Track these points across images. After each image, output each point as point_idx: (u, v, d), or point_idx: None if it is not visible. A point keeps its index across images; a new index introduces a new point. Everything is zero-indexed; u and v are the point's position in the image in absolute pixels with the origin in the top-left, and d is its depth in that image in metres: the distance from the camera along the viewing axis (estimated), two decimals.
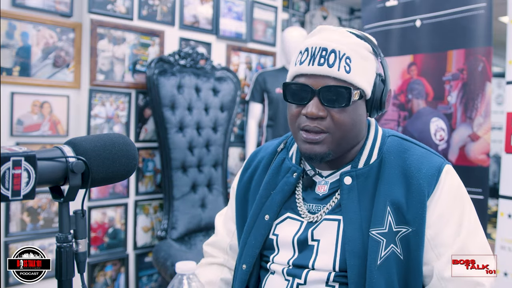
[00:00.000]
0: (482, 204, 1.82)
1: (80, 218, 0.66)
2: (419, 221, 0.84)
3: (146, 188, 2.44)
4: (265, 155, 1.06)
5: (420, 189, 0.86)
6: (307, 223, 0.93)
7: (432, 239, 0.85)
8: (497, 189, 1.82)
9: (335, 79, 0.85)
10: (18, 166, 0.56)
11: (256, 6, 2.89)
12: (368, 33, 2.26)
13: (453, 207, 0.87)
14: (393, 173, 0.89)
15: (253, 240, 0.96)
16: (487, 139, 1.82)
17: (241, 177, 1.09)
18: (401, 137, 0.95)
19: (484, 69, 1.82)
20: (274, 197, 0.97)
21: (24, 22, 2.03)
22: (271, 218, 0.96)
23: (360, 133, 0.92)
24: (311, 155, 0.88)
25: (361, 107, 0.89)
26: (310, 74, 0.86)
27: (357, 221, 0.87)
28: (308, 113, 0.86)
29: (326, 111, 0.86)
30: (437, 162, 0.89)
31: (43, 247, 2.13)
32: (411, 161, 0.89)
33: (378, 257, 0.83)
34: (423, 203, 0.85)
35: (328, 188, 0.94)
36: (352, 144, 0.92)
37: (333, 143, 0.88)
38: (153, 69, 2.27)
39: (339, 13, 4.49)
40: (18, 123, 2.05)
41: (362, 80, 0.87)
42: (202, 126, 2.46)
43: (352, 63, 0.85)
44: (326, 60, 0.85)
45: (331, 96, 0.85)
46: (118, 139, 0.72)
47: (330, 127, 0.86)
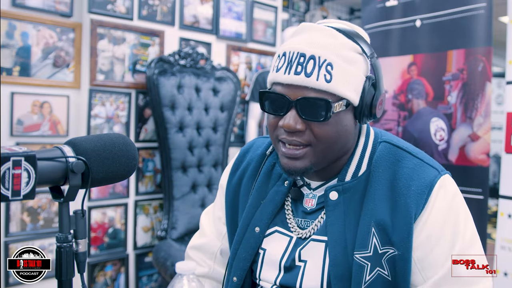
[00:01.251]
0: (482, 204, 1.82)
1: (80, 218, 0.66)
2: (405, 244, 0.78)
3: (146, 188, 2.44)
4: (254, 157, 0.99)
5: (407, 210, 0.79)
6: (296, 240, 0.88)
7: (419, 261, 0.79)
8: (497, 189, 1.82)
9: (314, 90, 0.76)
10: (18, 166, 0.56)
11: (256, 6, 2.89)
12: (368, 33, 2.26)
13: (444, 227, 0.79)
14: (380, 189, 0.82)
15: (243, 253, 0.92)
16: (487, 139, 1.82)
17: (230, 178, 1.02)
18: (394, 144, 0.86)
19: (484, 69, 1.82)
20: (265, 208, 0.91)
21: (24, 22, 2.03)
22: (261, 231, 0.91)
23: (347, 144, 0.84)
24: (290, 171, 0.81)
25: (346, 117, 0.80)
26: (286, 83, 0.78)
27: (341, 243, 0.82)
28: (284, 125, 0.78)
29: (304, 124, 0.78)
30: (429, 177, 0.81)
31: (43, 247, 2.13)
32: (401, 175, 0.82)
33: (363, 282, 0.79)
34: (409, 225, 0.78)
35: (316, 203, 0.88)
36: (338, 155, 0.84)
37: (315, 156, 0.80)
38: (153, 69, 2.27)
39: (339, 13, 4.49)
40: (18, 123, 2.05)
41: (346, 89, 0.77)
42: (202, 126, 2.46)
43: (334, 70, 0.76)
44: (304, 68, 0.76)
45: (309, 108, 0.76)
46: (118, 139, 0.72)
47: (311, 140, 0.79)
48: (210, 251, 1.05)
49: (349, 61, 0.79)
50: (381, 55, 2.20)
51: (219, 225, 1.04)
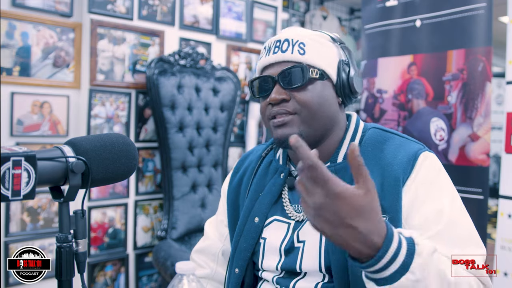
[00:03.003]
0: (482, 204, 1.82)
1: (80, 218, 0.66)
2: (395, 207, 0.82)
3: (146, 188, 2.44)
4: (253, 159, 1.06)
5: (395, 176, 0.84)
6: (294, 223, 0.92)
7: (406, 224, 0.83)
8: (497, 189, 1.82)
9: (291, 62, 0.87)
10: (18, 166, 0.56)
11: (256, 6, 2.89)
12: (368, 33, 2.27)
13: (429, 191, 0.83)
14: (369, 163, 0.87)
15: (244, 243, 0.96)
16: (487, 139, 1.82)
17: (231, 181, 1.08)
18: (382, 129, 0.94)
19: (484, 69, 1.82)
20: (263, 199, 0.97)
21: (24, 22, 2.03)
22: (260, 221, 0.96)
23: (331, 114, 0.90)
24: (281, 139, 0.88)
25: (325, 88, 0.89)
26: (268, 64, 0.91)
27: None
28: (271, 99, 0.88)
29: (288, 94, 0.87)
30: (413, 148, 0.88)
31: (43, 247, 2.13)
32: (388, 151, 0.88)
33: None
34: (398, 189, 0.83)
35: None
36: (325, 124, 0.90)
37: (302, 123, 0.87)
38: (153, 69, 2.27)
39: (339, 13, 4.49)
40: (18, 123, 2.05)
41: (319, 61, 0.88)
42: (202, 126, 2.46)
43: (307, 47, 0.88)
44: (280, 48, 0.89)
45: (288, 78, 0.87)
46: (118, 139, 0.72)
47: (296, 108, 0.87)
48: (212, 252, 1.09)
49: (320, 42, 0.91)
50: (381, 55, 2.20)
51: (221, 227, 1.09)
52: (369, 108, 2.25)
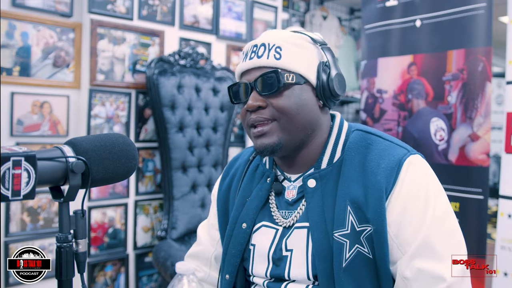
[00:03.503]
0: (482, 204, 1.82)
1: (80, 218, 0.66)
2: (379, 219, 0.81)
3: (146, 188, 2.44)
4: (241, 163, 1.06)
5: (378, 186, 0.82)
6: (282, 230, 0.92)
7: (395, 237, 0.81)
8: (497, 189, 1.82)
9: (267, 68, 0.86)
10: (18, 166, 0.56)
11: (256, 6, 2.89)
12: (368, 33, 2.27)
13: (415, 201, 0.82)
14: (353, 170, 0.86)
15: (233, 249, 0.96)
16: (487, 139, 1.82)
17: (220, 185, 1.08)
18: (365, 131, 0.92)
19: (484, 69, 1.82)
20: (250, 204, 0.96)
21: (24, 22, 2.03)
22: (248, 226, 0.95)
23: (311, 118, 0.88)
24: (261, 149, 0.87)
25: (304, 92, 0.87)
26: (244, 70, 0.90)
27: (321, 225, 0.85)
28: (247, 106, 0.87)
29: (265, 101, 0.86)
30: (398, 154, 0.85)
31: (43, 247, 2.13)
32: (372, 157, 0.86)
33: (343, 260, 0.82)
34: (381, 200, 0.81)
35: (296, 193, 0.93)
36: (306, 130, 0.88)
37: (281, 131, 0.86)
38: (153, 69, 2.27)
39: (339, 13, 4.49)
40: (18, 123, 2.05)
41: (296, 65, 0.86)
42: (202, 126, 2.46)
43: (283, 51, 0.86)
44: (256, 53, 0.88)
45: (264, 84, 0.86)
46: (118, 139, 0.72)
47: (274, 114, 0.86)
48: (205, 257, 1.10)
49: (298, 45, 0.89)
50: (381, 55, 2.20)
51: (212, 231, 1.10)
52: (369, 108, 2.25)
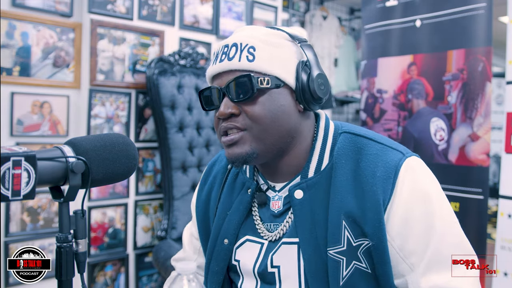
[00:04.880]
0: (482, 204, 1.82)
1: (80, 218, 0.66)
2: (378, 234, 0.75)
3: (146, 188, 2.44)
4: (220, 169, 0.98)
5: (375, 198, 0.76)
6: (268, 244, 0.85)
7: (400, 250, 0.76)
8: (497, 189, 1.82)
9: (239, 71, 0.78)
10: (18, 166, 0.56)
11: (256, 6, 2.89)
12: (368, 33, 2.27)
13: (418, 209, 0.76)
14: (345, 180, 0.79)
15: (216, 266, 0.90)
16: (487, 139, 1.82)
17: (198, 194, 1.01)
18: (354, 133, 0.84)
19: (484, 69, 1.82)
20: (231, 219, 0.89)
21: (24, 22, 2.03)
22: (230, 242, 0.88)
23: (289, 126, 0.80)
24: (232, 159, 0.80)
25: (281, 96, 0.79)
26: (215, 74, 0.82)
27: (313, 241, 0.79)
28: (219, 113, 0.79)
29: (238, 108, 0.78)
30: (393, 160, 0.78)
31: (43, 247, 2.13)
32: (365, 164, 0.79)
33: (340, 278, 0.76)
34: (379, 213, 0.75)
35: (282, 204, 0.85)
36: (283, 138, 0.80)
37: (254, 141, 0.78)
38: (153, 69, 2.27)
39: (339, 13, 4.49)
40: (18, 123, 2.05)
41: (273, 67, 0.78)
42: (202, 126, 2.46)
43: (257, 51, 0.78)
44: (227, 55, 0.79)
45: (236, 89, 0.77)
46: (118, 139, 0.72)
47: (246, 123, 0.78)
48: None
49: (274, 44, 0.80)
50: (381, 55, 2.20)
51: (193, 240, 1.05)
52: (369, 108, 2.25)
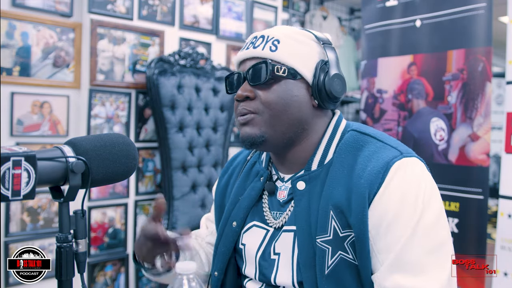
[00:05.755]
0: (482, 204, 1.82)
1: (80, 218, 0.66)
2: (360, 225, 0.76)
3: (146, 188, 2.44)
4: (241, 160, 1.06)
5: (361, 190, 0.77)
6: (272, 232, 0.90)
7: (375, 244, 0.77)
8: (497, 189, 1.82)
9: (260, 58, 0.84)
10: (18, 166, 0.56)
11: (256, 6, 2.89)
12: (368, 33, 2.27)
13: (400, 209, 0.75)
14: (340, 173, 0.81)
15: (223, 247, 0.95)
16: (487, 139, 1.82)
17: (219, 181, 1.08)
18: (361, 131, 0.87)
19: (484, 69, 1.82)
20: (241, 203, 0.95)
21: (24, 22, 2.03)
22: (238, 225, 0.94)
23: (300, 116, 0.84)
24: (243, 138, 0.85)
25: (296, 88, 0.84)
26: (241, 60, 0.89)
27: (306, 230, 0.82)
28: (236, 96, 0.86)
29: (253, 92, 0.84)
30: (387, 157, 0.79)
31: (43, 247, 2.13)
32: (361, 159, 0.81)
33: (326, 266, 0.78)
34: (364, 205, 0.76)
35: (287, 194, 0.90)
36: (293, 128, 0.85)
37: (264, 125, 0.83)
38: (153, 69, 2.27)
39: (339, 13, 4.49)
40: (18, 123, 2.05)
41: (291, 59, 0.83)
42: (202, 126, 2.46)
43: (281, 44, 0.84)
44: (253, 44, 0.86)
45: (255, 74, 0.84)
46: (118, 139, 0.72)
47: (258, 108, 0.83)
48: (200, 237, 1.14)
49: (298, 40, 0.86)
50: (381, 55, 2.20)
51: (210, 225, 1.13)
52: (369, 108, 2.25)
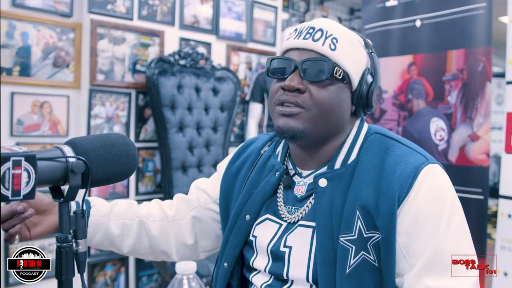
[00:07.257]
0: (482, 204, 1.82)
1: (80, 218, 0.66)
2: (388, 227, 0.77)
3: (146, 188, 2.44)
4: (254, 150, 1.02)
5: (391, 193, 0.78)
6: (286, 226, 0.89)
7: (404, 248, 0.77)
8: (497, 189, 1.82)
9: (319, 54, 0.82)
10: (18, 166, 0.56)
11: (256, 6, 2.89)
12: (368, 33, 2.27)
13: (429, 213, 0.77)
14: (367, 174, 0.82)
15: (235, 239, 0.94)
16: (487, 139, 1.82)
17: (229, 165, 1.04)
18: (385, 135, 0.88)
19: (484, 69, 1.82)
20: (256, 197, 0.94)
21: (24, 22, 2.03)
22: (251, 219, 0.93)
23: (340, 119, 0.85)
24: (283, 130, 0.82)
25: (343, 92, 0.84)
26: (294, 48, 0.85)
27: (328, 227, 0.82)
28: (286, 85, 0.82)
29: (305, 86, 0.82)
30: (415, 162, 0.80)
31: (43, 247, 2.13)
32: (388, 162, 0.81)
33: (347, 265, 0.78)
34: (393, 208, 0.77)
35: (306, 190, 0.90)
36: (331, 129, 0.85)
37: (309, 121, 0.82)
38: (153, 69, 2.27)
39: (339, 13, 4.49)
40: (18, 123, 2.05)
41: (347, 63, 0.83)
42: (202, 126, 2.46)
43: (339, 43, 0.83)
44: (312, 36, 0.83)
45: (311, 69, 0.81)
46: (118, 139, 0.72)
47: (307, 102, 0.81)
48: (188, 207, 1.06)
49: (352, 43, 0.85)
50: (381, 55, 2.20)
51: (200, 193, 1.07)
52: None
